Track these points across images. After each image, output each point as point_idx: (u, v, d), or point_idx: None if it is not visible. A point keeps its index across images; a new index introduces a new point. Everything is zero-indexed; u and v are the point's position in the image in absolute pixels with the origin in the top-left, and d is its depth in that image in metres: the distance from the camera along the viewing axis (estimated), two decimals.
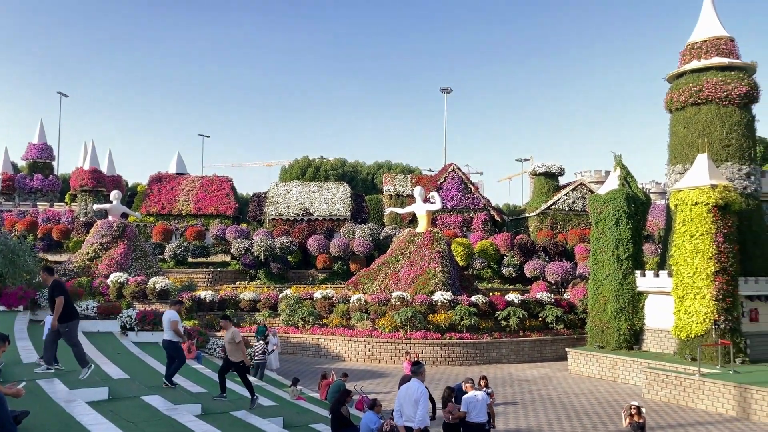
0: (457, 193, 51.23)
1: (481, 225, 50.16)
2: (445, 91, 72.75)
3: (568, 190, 51.83)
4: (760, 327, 26.70)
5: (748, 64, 29.12)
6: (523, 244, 45.67)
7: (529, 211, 53.13)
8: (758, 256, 28.01)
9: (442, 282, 33.18)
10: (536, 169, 54.18)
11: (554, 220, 50.89)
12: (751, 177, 28.51)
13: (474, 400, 12.41)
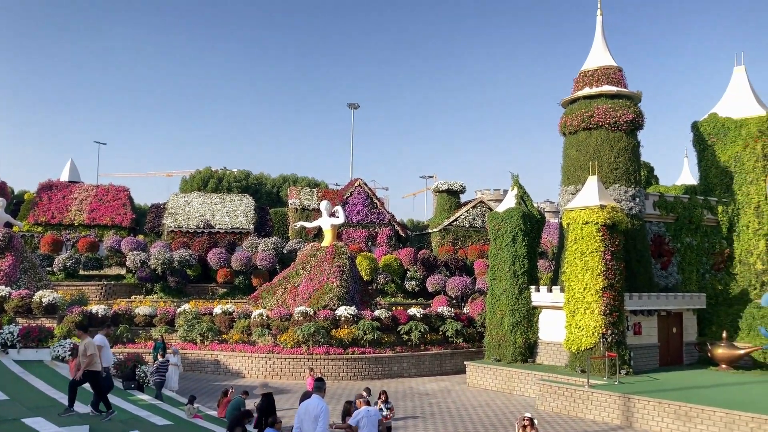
0: (363, 208, 51.53)
1: (385, 240, 50.67)
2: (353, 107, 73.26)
3: (468, 208, 53.35)
4: (643, 340, 28.48)
5: (635, 93, 31.20)
6: (426, 259, 46.50)
7: (432, 226, 54.22)
8: (642, 273, 29.94)
9: (337, 296, 33.17)
10: (439, 186, 55.44)
11: (455, 236, 52.18)
12: (636, 199, 30.46)
13: (366, 414, 12.45)
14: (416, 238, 55.92)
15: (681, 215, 33.21)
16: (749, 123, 34.30)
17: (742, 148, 34.21)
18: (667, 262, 32.79)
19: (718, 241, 34.03)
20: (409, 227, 60.94)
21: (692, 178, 46.99)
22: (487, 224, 35.37)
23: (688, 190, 36.80)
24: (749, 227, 33.64)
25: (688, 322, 30.89)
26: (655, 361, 28.99)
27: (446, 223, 52.62)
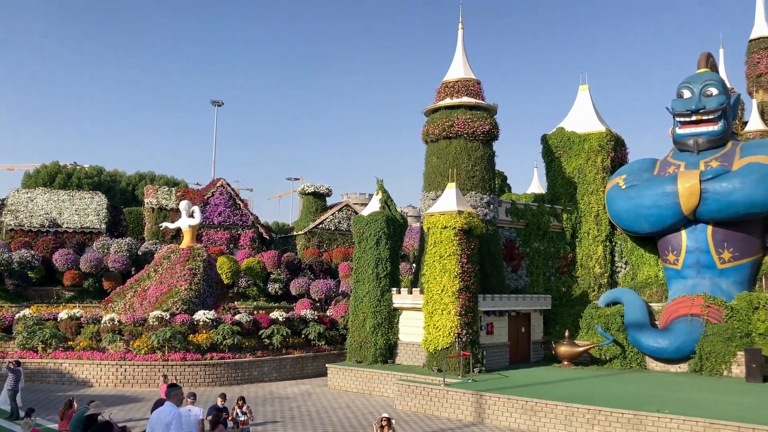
0: (225, 209, 50.19)
1: (248, 242, 49.67)
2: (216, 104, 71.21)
3: (334, 211, 53.69)
4: (495, 339, 30.08)
5: (491, 105, 32.91)
6: (290, 261, 46.14)
7: (298, 229, 53.95)
8: (494, 276, 31.62)
9: (182, 300, 32.06)
10: (305, 188, 55.29)
11: (321, 239, 52.28)
12: (491, 205, 32.16)
13: (186, 414, 12.11)
14: (281, 240, 55.35)
15: (530, 221, 35.49)
16: (591, 138, 37.38)
17: (585, 161, 37.20)
18: (517, 265, 34.87)
19: (563, 246, 36.74)
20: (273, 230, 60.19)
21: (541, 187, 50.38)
22: (352, 227, 35.75)
23: (537, 199, 39.43)
24: (589, 234, 36.63)
25: (535, 322, 33.03)
26: (505, 359, 30.71)
27: (312, 225, 52.57)
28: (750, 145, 33.43)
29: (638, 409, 19.83)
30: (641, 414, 19.48)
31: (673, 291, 32.52)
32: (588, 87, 39.99)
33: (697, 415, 19.08)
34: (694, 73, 35.02)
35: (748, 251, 32.06)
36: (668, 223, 32.33)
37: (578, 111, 39.43)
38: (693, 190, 30.88)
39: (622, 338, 31.12)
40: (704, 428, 18.48)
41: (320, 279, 44.23)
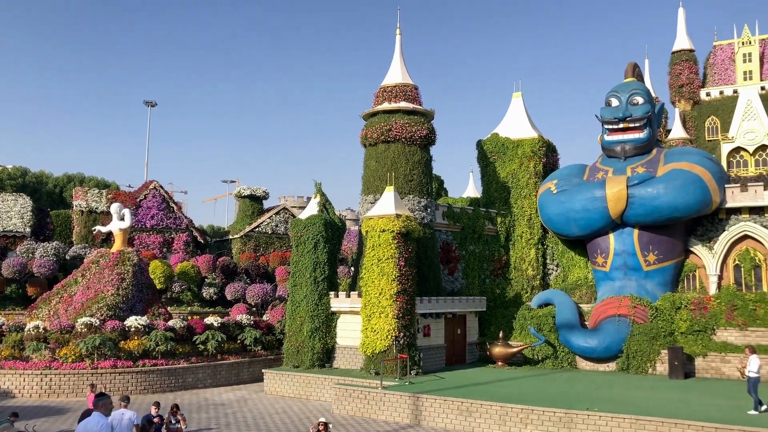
0: (159, 212, 48.93)
1: (182, 246, 48.57)
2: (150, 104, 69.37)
3: (271, 214, 53.14)
4: (431, 341, 30.42)
5: (428, 110, 33.32)
6: (225, 266, 45.37)
7: (233, 233, 53.11)
8: (431, 278, 32.00)
9: (108, 306, 31.11)
10: (242, 191, 54.52)
11: (257, 243, 51.63)
12: (428, 209, 32.53)
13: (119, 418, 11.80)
14: (216, 244, 54.37)
15: (466, 225, 36.09)
16: (524, 144, 38.35)
17: (518, 166, 38.13)
18: (453, 268, 35.40)
19: (497, 249, 37.52)
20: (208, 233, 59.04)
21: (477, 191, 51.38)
22: (289, 231, 35.46)
23: (473, 202, 40.19)
24: (523, 237, 37.55)
25: (471, 323, 33.59)
26: (442, 361, 31.10)
27: (248, 229, 51.86)
28: (673, 152, 35.02)
29: (569, 408, 20.44)
30: (572, 412, 20.10)
31: (602, 292, 33.69)
32: (521, 94, 41.05)
33: (624, 412, 19.84)
34: (621, 82, 36.44)
35: (672, 254, 33.56)
36: (597, 226, 33.48)
37: (512, 117, 40.39)
38: (620, 195, 32.10)
39: (554, 339, 32.00)
40: (630, 424, 19.22)
41: (257, 283, 43.67)
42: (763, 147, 43.94)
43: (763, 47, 48.24)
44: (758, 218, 33.24)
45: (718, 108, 47.44)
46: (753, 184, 33.71)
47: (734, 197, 33.41)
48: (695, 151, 35.30)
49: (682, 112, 48.04)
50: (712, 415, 19.36)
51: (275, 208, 55.04)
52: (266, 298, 41.97)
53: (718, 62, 49.59)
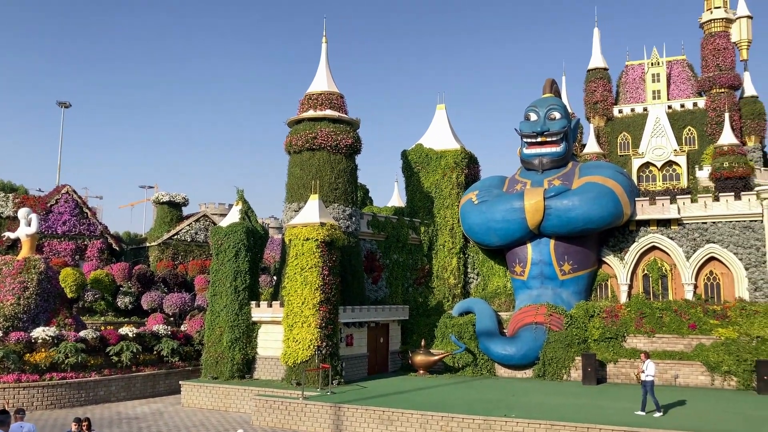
0: (71, 218, 46.69)
1: (96, 253, 46.53)
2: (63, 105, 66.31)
3: (191, 221, 51.73)
4: (354, 350, 30.38)
5: (354, 119, 33.41)
6: (142, 274, 43.79)
7: (151, 240, 51.36)
8: (355, 287, 32.01)
9: (5, 317, 29.29)
10: (160, 197, 52.82)
11: (176, 251, 50.13)
12: (353, 218, 32.56)
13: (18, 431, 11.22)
14: (132, 252, 52.40)
15: (390, 234, 36.35)
16: (447, 155, 39.07)
17: (441, 177, 38.79)
18: (377, 276, 35.54)
19: (420, 258, 37.97)
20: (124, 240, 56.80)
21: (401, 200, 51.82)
22: (210, 239, 34.63)
23: (397, 212, 40.53)
24: (445, 246, 38.18)
25: (393, 332, 33.77)
26: (364, 370, 31.09)
27: (167, 236, 50.27)
28: (587, 166, 36.54)
29: (488, 415, 20.87)
30: (491, 419, 20.52)
31: (520, 300, 34.66)
32: (445, 106, 41.82)
33: (540, 417, 20.43)
34: (539, 98, 37.75)
35: (586, 263, 34.94)
36: (516, 236, 34.45)
37: (436, 129, 41.08)
38: (538, 207, 33.16)
39: (474, 346, 32.61)
40: (546, 429, 19.82)
41: (175, 292, 42.34)
42: (670, 163, 46.48)
43: (669, 68, 51.11)
44: (665, 230, 35.13)
45: (630, 124, 49.87)
46: (661, 197, 35.61)
47: (644, 210, 35.18)
48: (608, 165, 36.96)
49: (596, 128, 50.19)
50: (623, 419, 20.24)
51: (195, 215, 53.61)
52: (185, 308, 40.75)
53: (629, 81, 52.15)
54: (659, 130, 47.84)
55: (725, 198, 34.37)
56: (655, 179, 46.69)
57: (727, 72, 47.34)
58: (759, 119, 48.01)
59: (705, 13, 49.34)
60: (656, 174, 46.78)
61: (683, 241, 34.75)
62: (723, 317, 30.48)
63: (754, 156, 46.72)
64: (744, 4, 50.06)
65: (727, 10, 48.85)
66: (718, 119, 46.23)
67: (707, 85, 47.88)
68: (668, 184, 45.56)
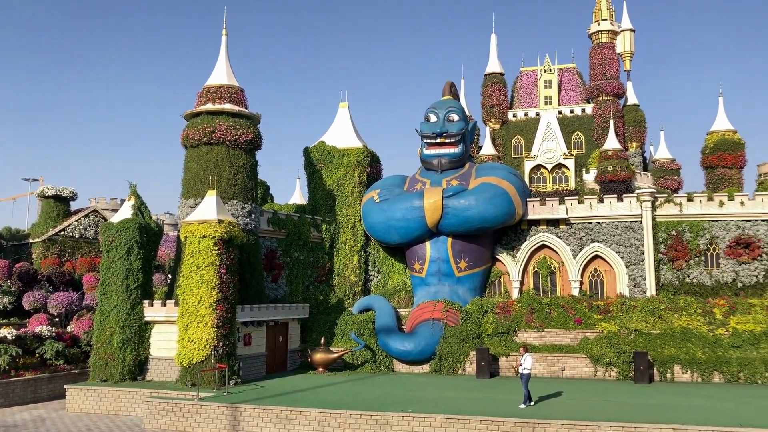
0: None
1: None
2: None
3: (80, 216, 49.01)
4: (252, 350, 29.93)
5: (255, 114, 32.83)
6: (23, 272, 41.04)
7: (35, 236, 48.22)
8: (254, 286, 31.52)
9: None
10: (45, 191, 49.70)
11: (63, 248, 47.35)
12: (252, 215, 32.02)
13: None
14: (13, 248, 49.00)
15: (291, 231, 36.06)
16: (350, 153, 39.23)
17: (344, 175, 38.90)
18: (277, 275, 35.16)
19: (322, 256, 37.91)
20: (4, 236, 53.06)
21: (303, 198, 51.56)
22: (100, 235, 33.02)
23: (299, 209, 40.25)
24: (346, 244, 38.33)
25: (293, 330, 33.54)
26: (262, 369, 30.70)
27: (52, 232, 47.37)
28: (484, 167, 37.83)
29: (385, 410, 21.18)
30: (388, 414, 20.84)
31: (418, 297, 35.39)
32: (348, 104, 41.94)
33: (435, 412, 20.98)
34: (439, 100, 38.69)
35: (481, 261, 36.17)
36: (415, 234, 35.13)
37: (338, 126, 41.14)
38: (436, 206, 33.98)
39: (373, 343, 32.96)
40: (441, 423, 20.38)
41: (60, 292, 40.02)
42: (560, 165, 48.92)
43: (560, 76, 53.79)
44: (554, 229, 36.98)
45: (523, 128, 52.07)
46: (550, 198, 37.45)
47: (535, 210, 36.86)
48: (502, 166, 38.41)
49: (492, 131, 52.03)
50: (513, 411, 21.17)
51: (84, 210, 50.84)
52: (71, 308, 38.59)
53: (524, 86, 54.45)
54: (550, 134, 50.22)
55: (609, 200, 36.60)
56: (545, 181, 48.98)
57: (612, 81, 50.44)
58: (640, 126, 51.53)
59: (593, 24, 52.29)
60: (547, 176, 49.08)
61: (570, 240, 36.70)
62: (606, 312, 32.48)
63: (635, 161, 50.11)
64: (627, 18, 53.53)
65: (612, 23, 52.01)
66: (603, 125, 49.15)
67: (594, 93, 50.81)
68: (558, 186, 47.94)
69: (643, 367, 28.32)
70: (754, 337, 29.88)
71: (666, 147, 54.39)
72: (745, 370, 28.65)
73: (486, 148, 49.37)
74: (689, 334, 30.55)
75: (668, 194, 37.89)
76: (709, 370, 29.01)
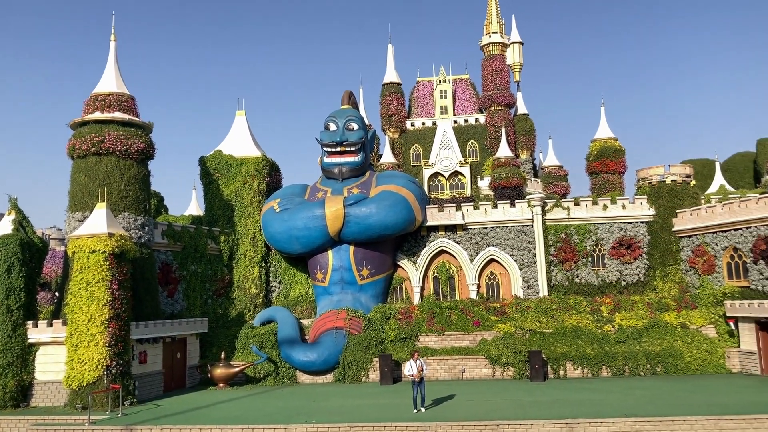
0: None
1: None
2: None
3: None
4: (148, 368, 28.69)
5: (147, 123, 31.59)
6: None
7: None
8: (149, 301, 30.26)
9: None
10: None
11: None
12: (146, 227, 30.76)
13: None
14: None
15: (188, 244, 34.95)
16: (248, 162, 38.59)
17: (242, 184, 38.21)
18: (173, 289, 33.96)
19: (220, 269, 36.98)
20: None
21: (200, 209, 50.15)
22: None
23: (195, 221, 39.11)
24: (246, 255, 37.61)
25: (191, 346, 32.46)
26: (159, 387, 29.49)
27: None
28: (383, 175, 38.33)
29: (288, 423, 20.92)
30: (291, 427, 20.60)
31: (321, 306, 35.27)
32: (245, 113, 41.29)
33: (339, 421, 20.95)
34: (338, 109, 38.86)
35: (383, 268, 36.57)
36: (317, 243, 35.02)
37: (236, 135, 40.39)
38: (338, 214, 34.05)
39: (276, 355, 32.47)
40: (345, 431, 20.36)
41: None
42: (456, 173, 50.36)
43: (455, 86, 55.46)
44: (452, 235, 38.01)
45: (421, 137, 53.22)
46: (448, 205, 38.50)
47: (433, 217, 37.75)
48: (401, 174, 39.07)
49: (391, 139, 52.83)
50: (415, 416, 21.50)
51: None
52: None
53: (420, 96, 55.70)
54: (446, 143, 51.63)
55: (502, 205, 38.06)
56: (443, 188, 50.26)
57: (503, 91, 52.55)
58: (530, 135, 53.94)
59: (485, 37, 54.33)
60: (444, 183, 50.39)
61: (467, 244, 37.84)
62: (502, 314, 33.70)
63: (526, 168, 52.40)
64: (516, 32, 55.97)
65: (503, 36, 54.24)
66: (496, 134, 51.09)
67: (487, 103, 52.74)
68: (455, 193, 49.31)
69: (537, 365, 29.57)
70: (637, 332, 31.99)
71: (554, 154, 57.27)
72: (629, 363, 30.60)
73: (386, 157, 50.04)
74: (579, 332, 32.24)
75: (557, 199, 39.89)
76: (598, 365, 30.74)
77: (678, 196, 36.97)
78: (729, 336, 31.52)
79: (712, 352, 30.99)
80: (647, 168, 38.08)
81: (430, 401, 23.82)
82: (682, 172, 37.55)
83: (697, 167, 48.98)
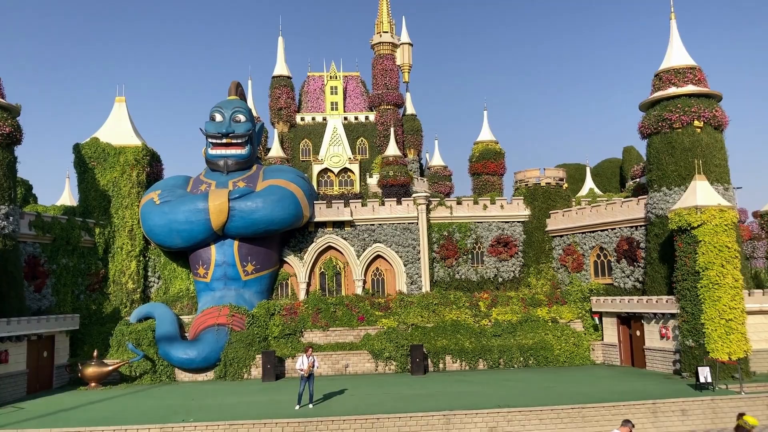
0: None
1: None
2: None
3: None
4: (9, 368, 26.66)
5: (13, 105, 29.27)
6: None
7: None
8: (12, 297, 28.12)
9: None
10: None
11: None
12: (11, 217, 28.55)
13: None
14: None
15: (59, 236, 32.86)
16: (127, 151, 36.78)
17: (120, 174, 36.38)
18: (41, 284, 31.83)
19: (95, 262, 35.04)
20: None
21: (73, 199, 47.22)
22: None
23: (68, 211, 36.81)
24: (123, 249, 35.85)
25: (60, 344, 30.54)
26: (23, 389, 27.52)
27: None
28: (271, 169, 37.80)
29: (164, 422, 20.23)
30: (167, 426, 19.93)
31: (203, 303, 34.30)
32: (125, 99, 39.31)
33: (219, 419, 20.52)
34: (225, 99, 37.89)
35: (268, 264, 36.11)
36: (200, 238, 34.01)
37: (114, 123, 38.37)
38: (222, 208, 33.23)
39: (153, 353, 31.26)
40: (225, 429, 20.00)
41: None
42: (346, 170, 50.57)
43: (346, 83, 55.67)
44: (339, 231, 38.19)
45: (311, 132, 52.98)
46: (336, 201, 38.64)
47: (321, 212, 37.74)
48: (290, 169, 38.73)
49: (280, 133, 52.21)
50: (297, 412, 21.46)
51: None
52: None
53: (311, 91, 55.43)
54: (336, 139, 51.73)
55: (389, 203, 38.71)
56: (332, 184, 50.34)
57: (392, 91, 53.36)
58: (417, 135, 55.15)
59: (375, 36, 54.90)
60: (333, 179, 50.48)
61: (355, 241, 38.18)
62: (386, 309, 34.31)
63: (413, 167, 53.53)
64: (406, 33, 57.02)
65: (393, 36, 55.07)
66: (385, 133, 51.82)
67: (377, 101, 53.35)
68: (344, 189, 49.54)
69: (418, 359, 30.36)
70: (512, 326, 33.63)
71: (440, 155, 58.92)
72: (504, 356, 32.13)
73: (274, 151, 49.42)
74: (458, 326, 33.44)
75: (441, 198, 41.10)
76: (476, 359, 32.04)
77: (552, 197, 39.19)
78: (594, 330, 33.89)
79: (579, 345, 33.16)
80: (524, 170, 40.08)
81: (319, 396, 23.87)
82: (556, 175, 39.84)
83: (570, 171, 52.11)
